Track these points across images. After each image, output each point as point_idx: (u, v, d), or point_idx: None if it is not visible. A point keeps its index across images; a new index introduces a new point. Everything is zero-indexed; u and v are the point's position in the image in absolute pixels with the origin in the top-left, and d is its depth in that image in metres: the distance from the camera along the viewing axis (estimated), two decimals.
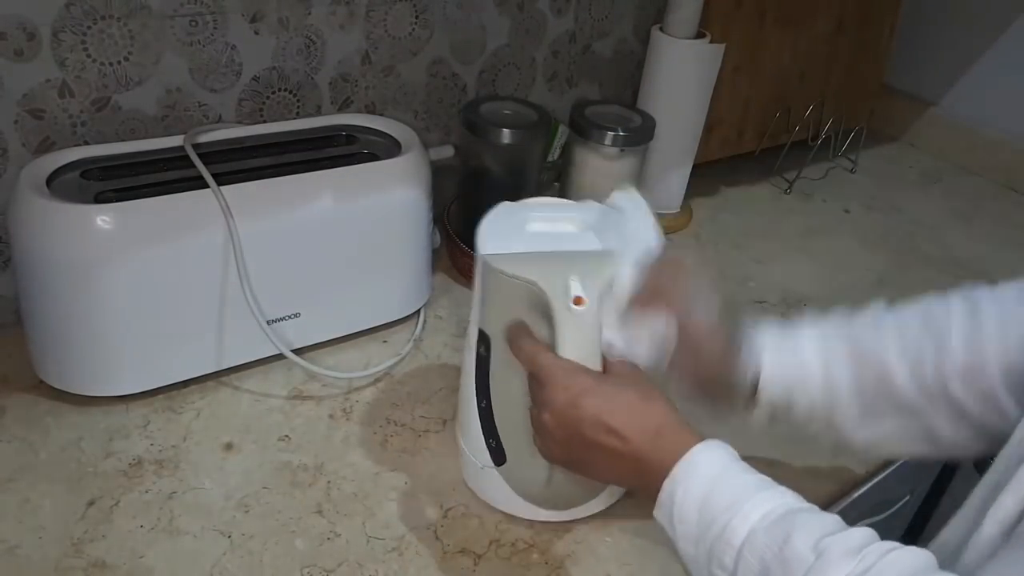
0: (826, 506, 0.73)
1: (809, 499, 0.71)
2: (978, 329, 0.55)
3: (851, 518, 0.92)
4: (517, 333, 0.57)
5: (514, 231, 0.62)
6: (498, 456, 0.63)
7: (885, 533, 0.48)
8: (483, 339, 0.60)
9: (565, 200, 0.68)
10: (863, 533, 0.43)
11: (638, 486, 0.53)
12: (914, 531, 1.15)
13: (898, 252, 1.13)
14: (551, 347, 0.55)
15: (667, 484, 0.49)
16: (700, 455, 0.49)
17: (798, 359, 0.60)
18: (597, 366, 0.55)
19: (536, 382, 0.55)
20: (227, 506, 0.64)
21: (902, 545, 0.41)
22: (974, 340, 0.55)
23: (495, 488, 0.65)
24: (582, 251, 0.60)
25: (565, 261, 0.58)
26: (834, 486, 0.74)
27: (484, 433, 0.63)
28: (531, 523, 0.66)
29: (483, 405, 0.62)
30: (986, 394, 0.55)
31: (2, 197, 0.71)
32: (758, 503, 0.46)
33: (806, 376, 0.60)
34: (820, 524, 0.44)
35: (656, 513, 0.50)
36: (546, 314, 0.55)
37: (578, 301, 0.55)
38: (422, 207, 0.80)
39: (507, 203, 0.65)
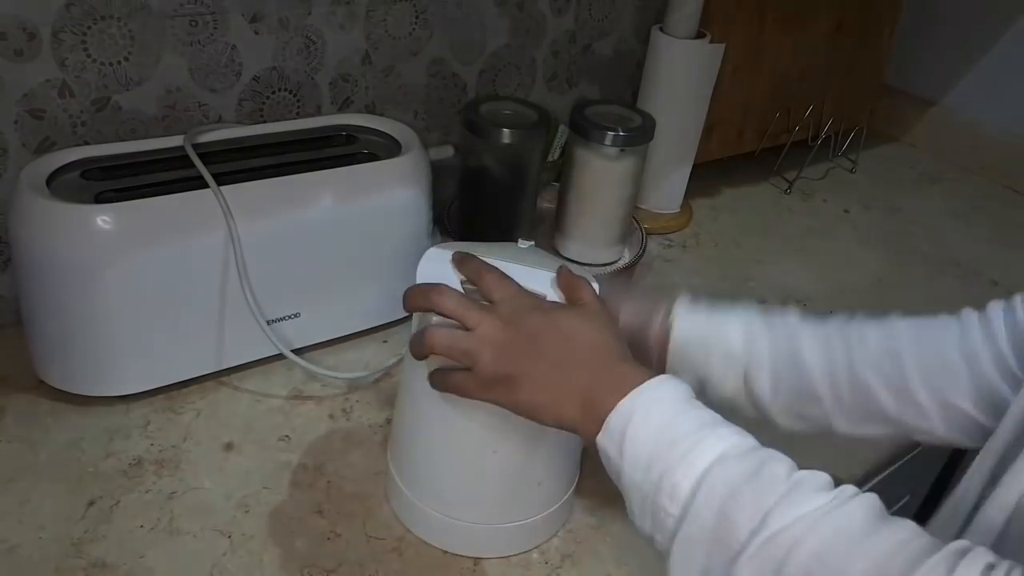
0: None
1: None
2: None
3: None
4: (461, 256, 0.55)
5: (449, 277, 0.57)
6: None
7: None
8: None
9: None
10: (827, 475, 0.43)
11: (577, 410, 0.48)
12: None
13: (898, 252, 1.14)
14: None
15: (624, 404, 0.46)
16: (662, 382, 0.47)
17: (718, 330, 0.60)
18: None
19: (470, 306, 0.51)
20: (227, 506, 0.64)
21: (863, 491, 0.41)
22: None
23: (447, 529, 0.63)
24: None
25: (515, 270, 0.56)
26: None
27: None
28: None
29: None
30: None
31: (2, 197, 0.71)
32: (726, 434, 0.45)
33: (724, 344, 0.60)
34: (789, 461, 0.44)
35: (600, 438, 0.46)
36: None
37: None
38: (422, 207, 0.80)
39: (435, 249, 0.60)
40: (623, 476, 0.46)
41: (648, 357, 0.61)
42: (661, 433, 0.44)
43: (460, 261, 0.56)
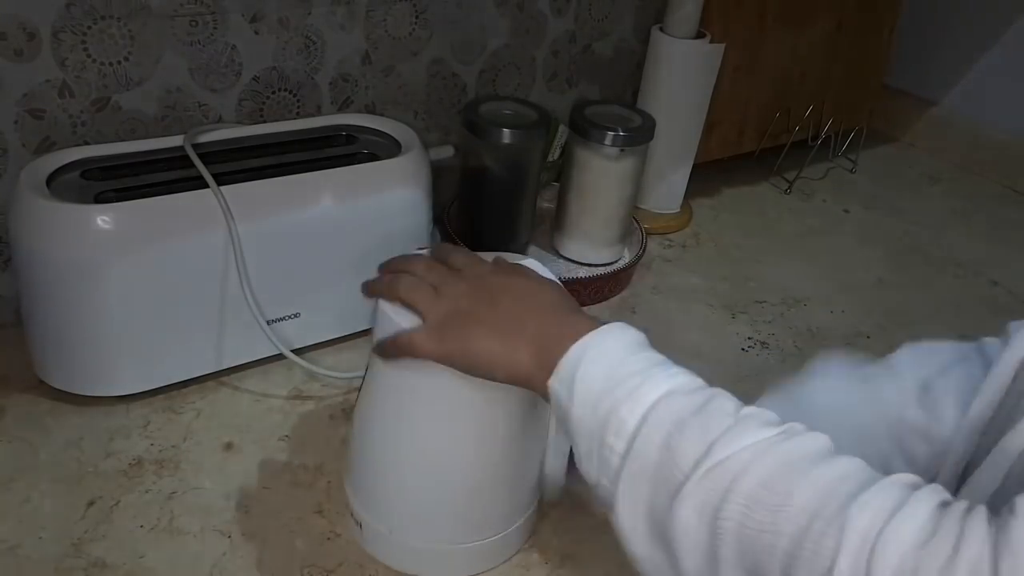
0: None
1: None
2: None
3: None
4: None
5: None
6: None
7: None
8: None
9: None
10: (774, 414, 0.43)
11: (531, 356, 0.48)
12: None
13: (898, 252, 1.14)
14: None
15: (575, 348, 0.46)
16: (614, 327, 0.48)
17: None
18: None
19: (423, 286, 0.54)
20: (227, 506, 0.64)
21: (812, 430, 0.41)
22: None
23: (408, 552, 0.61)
24: None
25: None
26: None
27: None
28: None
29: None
30: None
31: (2, 197, 0.71)
32: (676, 372, 0.45)
33: None
34: (738, 400, 0.44)
35: (552, 381, 0.47)
36: None
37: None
38: (422, 207, 0.80)
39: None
40: (571, 417, 0.46)
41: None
42: (611, 373, 0.45)
43: (434, 249, 0.59)
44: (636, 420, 0.43)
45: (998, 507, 0.35)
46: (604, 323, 0.48)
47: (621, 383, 0.44)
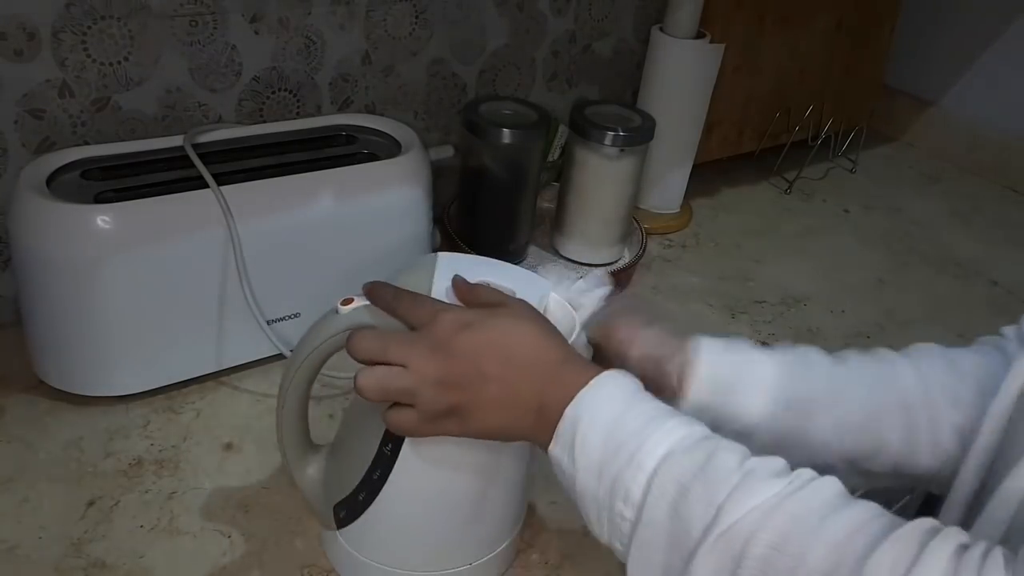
0: None
1: None
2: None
3: None
4: (383, 291, 0.51)
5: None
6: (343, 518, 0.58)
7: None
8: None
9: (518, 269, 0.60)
10: (782, 460, 0.42)
11: (532, 423, 0.46)
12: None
13: (898, 252, 1.14)
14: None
15: (569, 411, 0.44)
16: (606, 381, 0.45)
17: (748, 359, 0.57)
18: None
19: (387, 341, 0.47)
20: (227, 506, 0.64)
21: (819, 475, 0.41)
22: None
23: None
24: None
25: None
26: None
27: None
28: (530, 522, 0.66)
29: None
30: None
31: (2, 197, 0.71)
32: (673, 427, 0.43)
33: (755, 372, 0.56)
34: (741, 449, 0.42)
35: (553, 448, 0.45)
36: None
37: (346, 301, 0.52)
38: (422, 207, 0.80)
39: (448, 256, 0.58)
40: (577, 484, 0.44)
41: (668, 386, 0.57)
42: (608, 436, 0.43)
43: (370, 292, 0.51)
44: (641, 488, 0.42)
45: (1015, 543, 0.35)
46: (595, 372, 0.46)
47: (620, 448, 0.43)
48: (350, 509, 0.56)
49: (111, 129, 0.77)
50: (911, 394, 0.54)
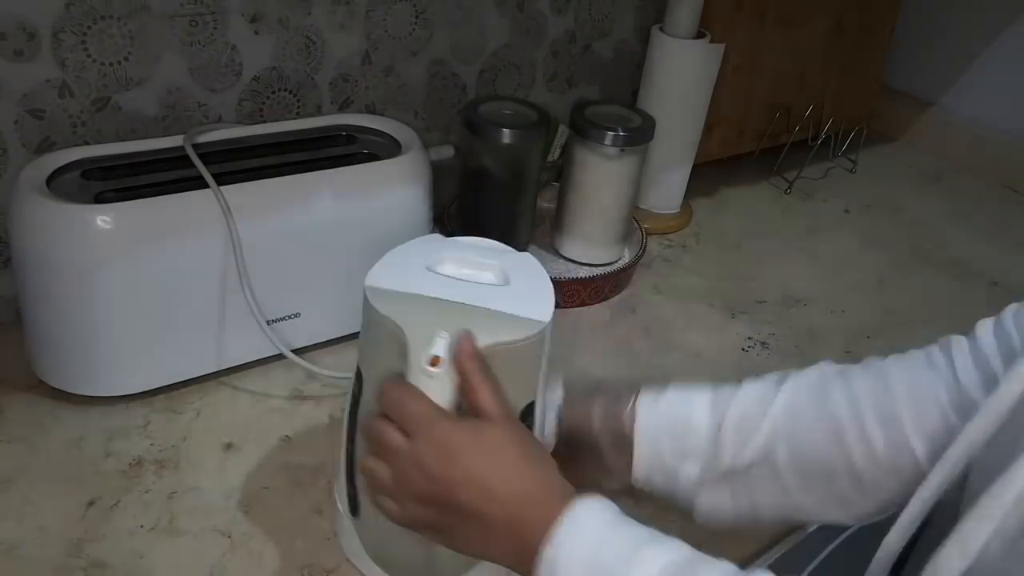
0: None
1: None
2: (890, 401, 0.53)
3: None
4: (387, 381, 0.51)
5: (421, 268, 0.56)
6: (354, 505, 0.57)
7: (885, 533, 0.47)
8: (358, 376, 0.54)
9: (499, 245, 0.61)
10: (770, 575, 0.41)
11: (514, 561, 0.46)
12: (913, 533, 1.15)
13: (898, 252, 1.13)
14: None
15: (547, 553, 0.43)
16: (580, 514, 0.44)
17: (679, 414, 0.58)
18: None
19: (396, 431, 0.48)
20: (227, 506, 0.64)
21: None
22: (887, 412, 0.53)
23: (352, 544, 0.59)
24: (475, 307, 0.52)
25: (447, 313, 0.51)
26: None
27: (346, 477, 0.57)
28: None
29: (349, 448, 0.56)
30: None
31: (2, 197, 0.71)
32: (651, 556, 0.42)
33: (687, 430, 0.57)
34: (724, 567, 0.42)
35: None
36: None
37: (434, 362, 0.48)
38: (422, 207, 0.80)
39: (433, 236, 0.60)
40: None
41: (625, 456, 0.59)
42: (589, 574, 0.43)
43: (385, 388, 0.50)
44: None
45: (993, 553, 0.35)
46: (570, 501, 0.45)
47: None
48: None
49: (111, 129, 0.77)
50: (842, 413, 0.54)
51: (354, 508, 0.57)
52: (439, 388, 0.49)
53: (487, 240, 0.61)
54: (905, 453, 0.52)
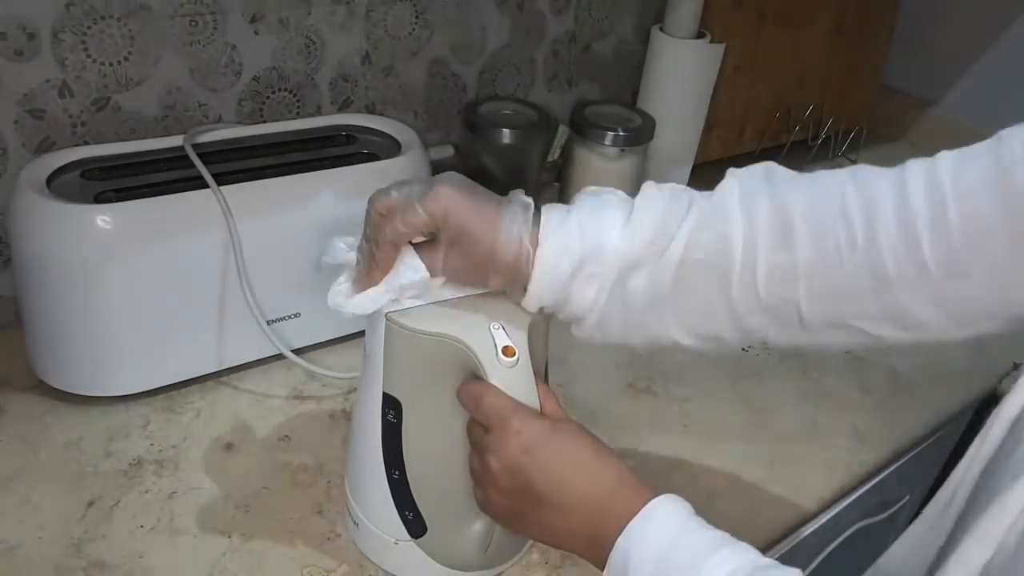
0: (826, 507, 0.74)
1: (808, 501, 0.71)
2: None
3: (851, 518, 0.93)
4: (466, 381, 0.52)
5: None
6: (416, 528, 0.57)
7: (885, 533, 0.47)
8: (390, 404, 0.54)
9: None
10: None
11: (586, 548, 0.48)
12: None
13: None
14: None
15: (621, 542, 0.45)
16: (656, 510, 0.46)
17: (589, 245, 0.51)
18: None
19: (481, 427, 0.51)
20: (227, 506, 0.64)
21: None
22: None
23: (408, 563, 0.60)
24: (485, 295, 0.53)
25: (478, 307, 0.52)
26: (833, 488, 0.74)
27: (398, 506, 0.57)
28: None
29: (395, 476, 0.56)
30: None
31: (2, 197, 0.71)
32: (721, 560, 0.43)
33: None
34: (794, 574, 0.42)
35: (606, 574, 0.46)
36: (470, 371, 0.50)
37: (508, 352, 0.49)
38: None
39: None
40: None
41: (500, 272, 0.52)
42: (659, 571, 0.44)
43: (461, 391, 0.52)
44: None
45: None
46: (646, 497, 0.46)
47: None
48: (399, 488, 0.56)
49: (111, 129, 0.77)
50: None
51: (415, 532, 0.58)
52: (524, 375, 0.50)
53: None
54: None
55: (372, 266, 0.52)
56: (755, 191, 0.52)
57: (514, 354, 0.50)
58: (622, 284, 0.51)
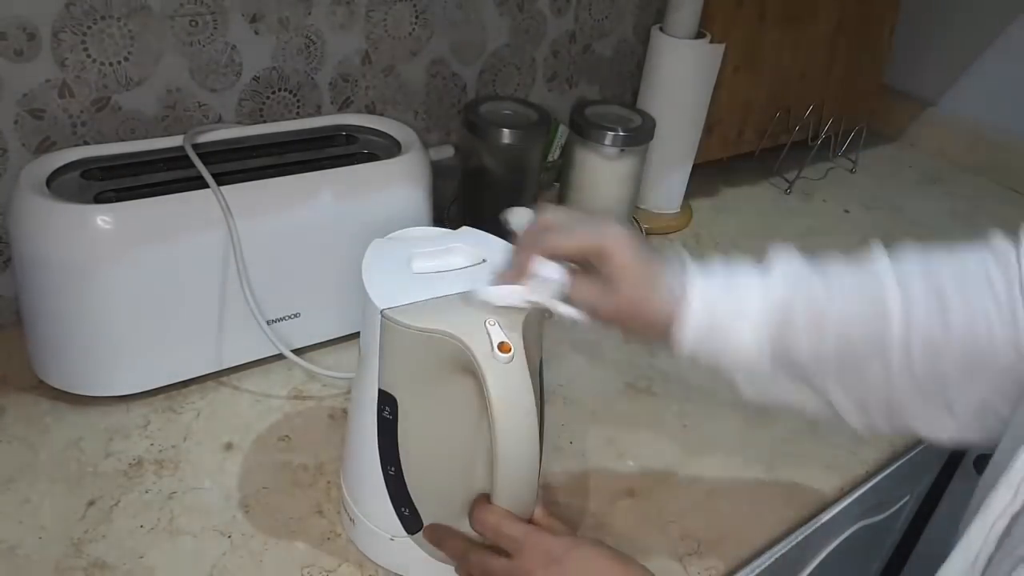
0: (826, 507, 0.74)
1: (808, 501, 0.71)
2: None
3: (851, 518, 0.93)
4: (476, 506, 0.53)
5: (400, 274, 0.55)
6: (413, 524, 0.58)
7: (885, 533, 0.47)
8: (386, 400, 0.54)
9: (443, 230, 0.61)
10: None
11: None
12: (914, 531, 1.15)
13: None
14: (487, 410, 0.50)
15: None
16: None
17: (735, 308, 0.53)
18: (533, 415, 0.50)
19: (489, 552, 0.52)
20: (227, 506, 0.64)
21: None
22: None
23: (405, 559, 0.60)
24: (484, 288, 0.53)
25: (470, 302, 0.52)
26: (833, 488, 0.74)
27: (394, 502, 0.57)
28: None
29: (391, 472, 0.56)
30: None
31: (2, 197, 0.71)
32: None
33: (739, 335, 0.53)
34: None
35: None
36: (464, 367, 0.50)
37: (503, 348, 0.50)
38: (422, 207, 0.80)
39: (381, 240, 0.59)
40: None
41: (653, 334, 0.54)
42: None
43: (473, 513, 0.54)
44: None
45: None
46: None
47: None
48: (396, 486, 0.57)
49: (111, 129, 0.77)
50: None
51: (411, 528, 0.58)
52: (519, 371, 0.50)
53: (419, 228, 0.61)
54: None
55: (514, 267, 0.54)
56: (904, 260, 0.55)
57: (510, 350, 0.50)
58: (769, 336, 0.53)
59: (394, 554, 0.60)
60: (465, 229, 0.60)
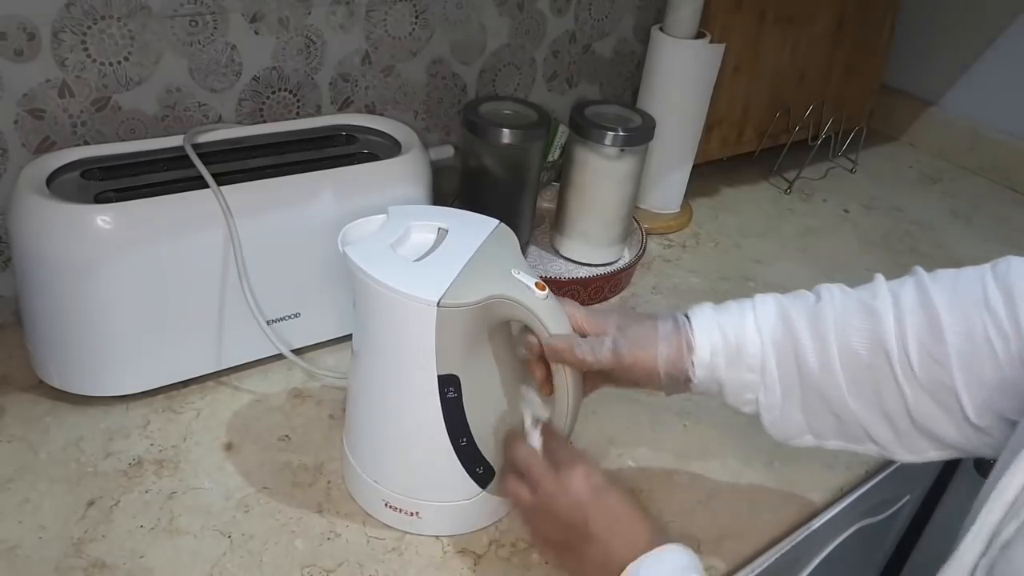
0: (826, 507, 0.74)
1: (808, 501, 0.71)
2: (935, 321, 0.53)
3: (851, 518, 0.93)
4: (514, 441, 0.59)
5: (397, 262, 0.58)
6: (486, 478, 0.62)
7: (885, 533, 0.47)
8: (449, 382, 0.58)
9: (379, 216, 0.64)
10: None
11: (600, 572, 0.53)
12: (914, 531, 1.15)
13: (898, 252, 1.14)
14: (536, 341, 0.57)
15: (630, 569, 0.51)
16: (666, 554, 0.51)
17: (736, 345, 0.58)
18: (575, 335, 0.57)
19: (539, 465, 0.57)
20: (227, 506, 0.64)
21: None
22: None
23: (475, 513, 0.64)
24: (488, 252, 0.60)
25: (488, 264, 0.59)
26: (833, 488, 0.74)
27: (467, 467, 0.61)
28: None
29: (463, 443, 0.60)
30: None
31: (2, 197, 0.71)
32: None
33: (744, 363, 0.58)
34: None
35: None
36: (503, 318, 0.57)
37: (539, 286, 0.56)
38: None
39: (351, 227, 0.62)
40: None
41: (684, 386, 0.60)
42: None
43: (508, 449, 0.60)
44: None
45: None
46: (661, 541, 0.52)
47: None
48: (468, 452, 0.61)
49: (111, 129, 0.77)
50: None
51: (484, 482, 0.62)
52: (555, 302, 0.57)
53: (354, 223, 0.63)
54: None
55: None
56: (902, 282, 0.59)
57: (544, 288, 0.56)
58: (776, 342, 0.57)
59: (467, 515, 0.64)
60: (393, 208, 0.64)
